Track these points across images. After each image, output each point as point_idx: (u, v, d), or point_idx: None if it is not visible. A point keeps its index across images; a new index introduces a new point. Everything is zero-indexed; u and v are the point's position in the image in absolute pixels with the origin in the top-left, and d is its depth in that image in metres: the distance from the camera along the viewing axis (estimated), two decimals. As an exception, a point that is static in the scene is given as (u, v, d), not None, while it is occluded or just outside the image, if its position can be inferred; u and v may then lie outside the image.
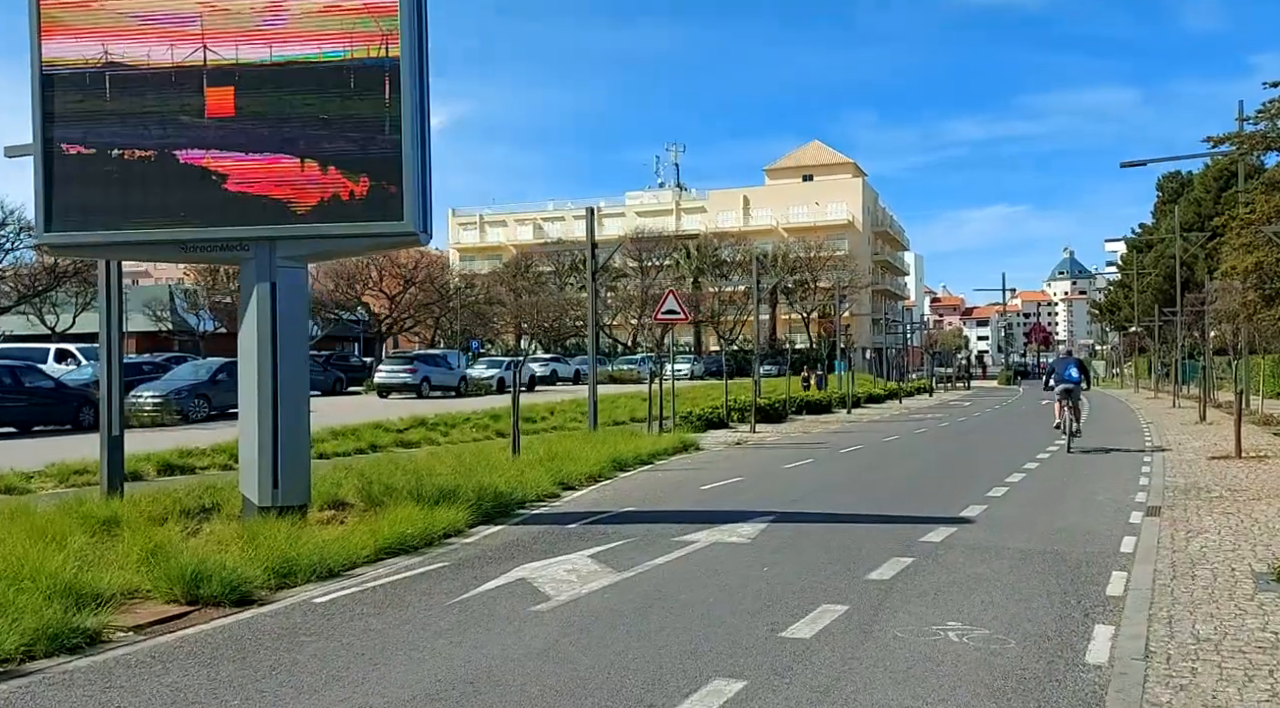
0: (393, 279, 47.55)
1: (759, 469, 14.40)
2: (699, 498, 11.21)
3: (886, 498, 11.23)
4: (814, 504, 10.71)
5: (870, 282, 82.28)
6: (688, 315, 19.40)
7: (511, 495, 10.42)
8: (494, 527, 9.13)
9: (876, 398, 40.11)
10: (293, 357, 8.86)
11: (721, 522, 9.20)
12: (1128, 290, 67.80)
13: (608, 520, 9.46)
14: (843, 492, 11.80)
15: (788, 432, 22.92)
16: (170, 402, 21.40)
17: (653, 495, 11.44)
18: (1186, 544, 8.09)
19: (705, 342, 75.71)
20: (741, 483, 12.57)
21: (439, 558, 7.66)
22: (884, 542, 8.24)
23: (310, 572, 6.72)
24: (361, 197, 8.80)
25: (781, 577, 6.93)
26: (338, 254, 9.65)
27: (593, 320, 19.18)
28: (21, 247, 36.32)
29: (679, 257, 76.29)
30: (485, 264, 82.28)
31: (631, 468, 14.32)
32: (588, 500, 11.04)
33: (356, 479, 11.74)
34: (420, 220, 8.75)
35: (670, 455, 16.41)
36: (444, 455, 14.43)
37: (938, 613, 5.92)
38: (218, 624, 5.63)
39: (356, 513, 9.42)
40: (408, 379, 31.69)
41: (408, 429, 18.85)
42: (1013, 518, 9.62)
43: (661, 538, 8.43)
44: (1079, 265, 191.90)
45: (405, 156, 8.66)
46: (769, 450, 17.86)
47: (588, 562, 7.42)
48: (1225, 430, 19.95)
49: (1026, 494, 11.43)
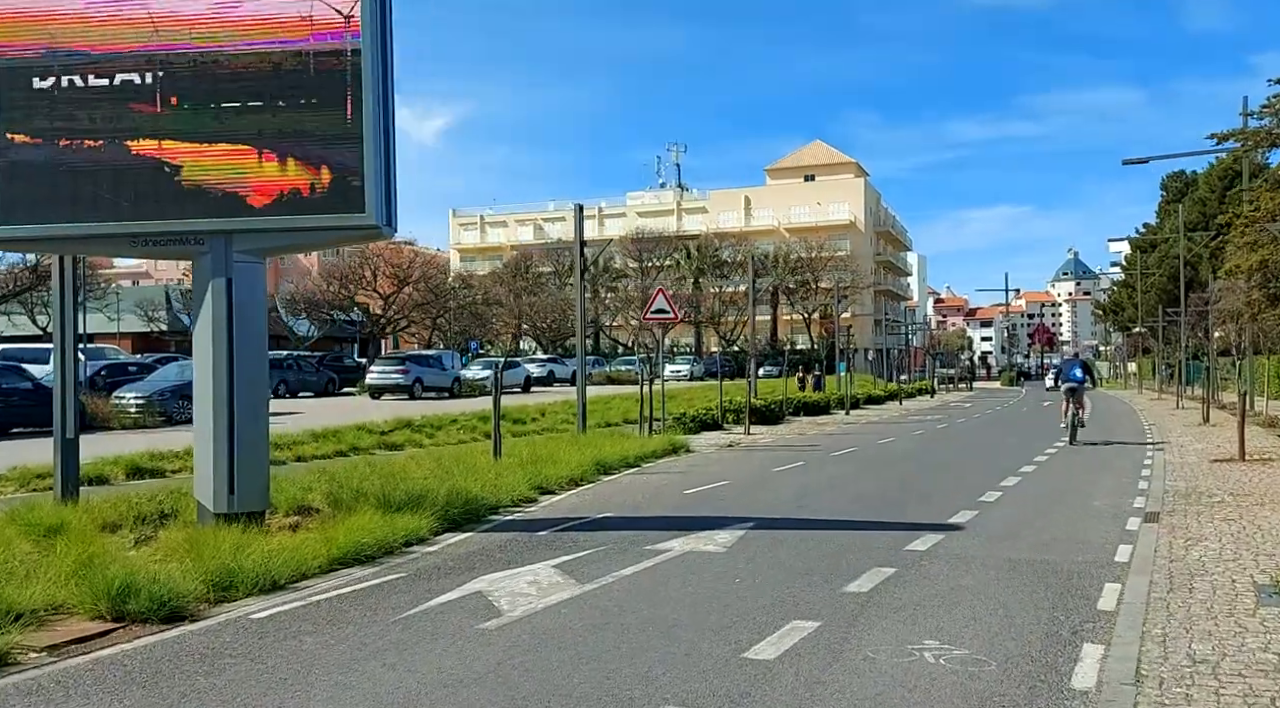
0: (387, 279, 47.13)
1: (746, 473, 14.00)
2: (680, 503, 10.81)
3: (875, 503, 10.82)
4: (798, 510, 10.31)
5: (872, 282, 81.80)
6: (677, 315, 19.03)
7: (483, 501, 10.04)
8: (461, 534, 8.75)
9: (876, 399, 39.67)
10: (250, 356, 8.49)
11: (699, 529, 8.81)
12: (1131, 291, 67.30)
13: (581, 527, 9.07)
14: (830, 497, 11.40)
15: (782, 434, 22.51)
16: (154, 403, 21.02)
17: (633, 500, 11.05)
18: (1185, 553, 7.68)
19: (706, 343, 75.31)
20: (726, 487, 12.17)
21: (396, 568, 7.28)
22: (866, 550, 7.84)
23: (253, 584, 6.34)
24: (324, 190, 8.44)
25: (753, 589, 6.54)
26: (298, 248, 9.30)
27: (580, 319, 18.79)
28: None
29: (679, 257, 75.87)
30: (486, 265, 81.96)
31: (616, 471, 13.93)
32: (565, 506, 10.65)
33: (327, 483, 11.39)
34: (383, 213, 8.37)
35: (658, 458, 16.02)
36: (424, 458, 14.05)
37: (915, 630, 5.52)
38: (140, 644, 5.25)
39: (321, 519, 9.02)
40: (400, 380, 31.30)
41: (392, 431, 18.46)
42: (1004, 525, 9.21)
43: (633, 546, 8.04)
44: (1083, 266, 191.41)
45: (367, 147, 8.29)
46: (760, 453, 17.45)
47: (551, 573, 7.03)
48: (1229, 432, 19.50)
49: (1020, 499, 11.02)
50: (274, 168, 8.43)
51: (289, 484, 11.11)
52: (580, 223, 18.39)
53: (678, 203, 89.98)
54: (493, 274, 73.66)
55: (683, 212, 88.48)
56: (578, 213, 18.46)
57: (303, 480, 11.37)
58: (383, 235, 8.62)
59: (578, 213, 18.46)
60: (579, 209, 18.50)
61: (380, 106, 8.36)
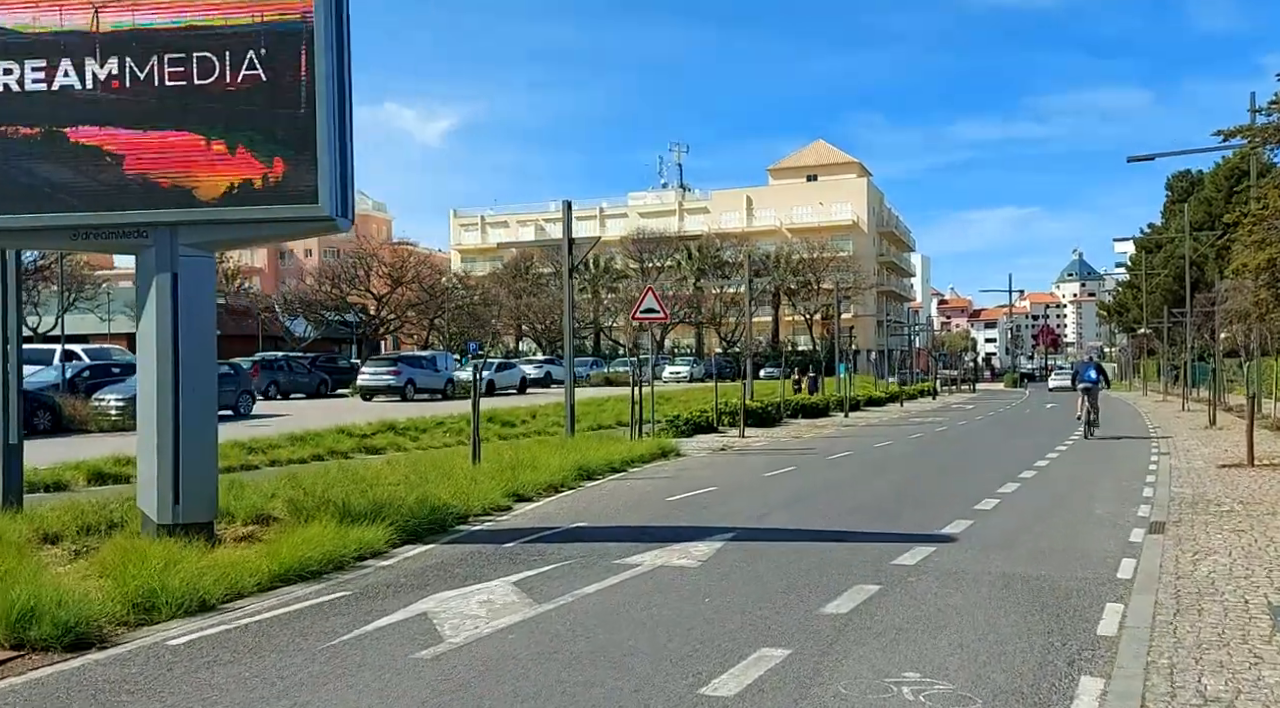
0: (381, 279, 46.57)
1: (735, 478, 13.48)
2: (660, 511, 10.30)
3: (867, 511, 10.30)
4: (784, 519, 9.79)
5: (875, 283, 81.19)
6: (667, 314, 18.51)
7: (452, 510, 9.53)
8: (422, 546, 8.24)
9: (877, 401, 39.11)
10: (197, 357, 7.99)
11: (675, 540, 8.29)
12: (1136, 291, 66.67)
13: (551, 539, 8.56)
14: (819, 504, 10.88)
15: (778, 437, 21.98)
16: (134, 405, 20.49)
17: (612, 508, 10.54)
18: (1193, 569, 7.15)
19: (708, 344, 74.78)
20: (712, 494, 11.65)
21: (343, 585, 6.77)
22: (851, 565, 7.32)
23: (179, 606, 5.84)
24: (276, 181, 7.94)
25: (724, 610, 6.02)
26: (250, 242, 8.81)
27: (568, 319, 18.30)
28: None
29: (680, 257, 75.37)
30: (487, 265, 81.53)
31: (600, 476, 13.42)
32: (538, 514, 10.14)
33: (293, 490, 10.91)
34: (337, 204, 7.87)
35: (646, 462, 15.51)
36: (402, 463, 13.54)
37: (895, 660, 5.00)
38: (32, 677, 4.75)
39: (278, 530, 8.53)
40: (391, 382, 30.82)
41: (374, 434, 17.97)
42: (1000, 536, 8.68)
43: (602, 560, 7.52)
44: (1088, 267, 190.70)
45: (320, 134, 7.79)
46: (753, 457, 16.93)
47: (508, 591, 6.52)
48: (1236, 436, 18.92)
49: (1019, 507, 10.49)
50: (223, 156, 7.93)
51: (253, 491, 10.65)
52: (569, 221, 17.90)
53: (679, 203, 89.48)
54: (492, 275, 73.25)
55: (685, 212, 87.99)
56: (565, 210, 17.97)
57: (268, 487, 10.90)
58: (338, 228, 8.12)
59: (565, 210, 17.97)
60: (567, 206, 18.00)
61: (335, 93, 7.87)
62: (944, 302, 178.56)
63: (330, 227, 8.12)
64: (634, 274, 71.99)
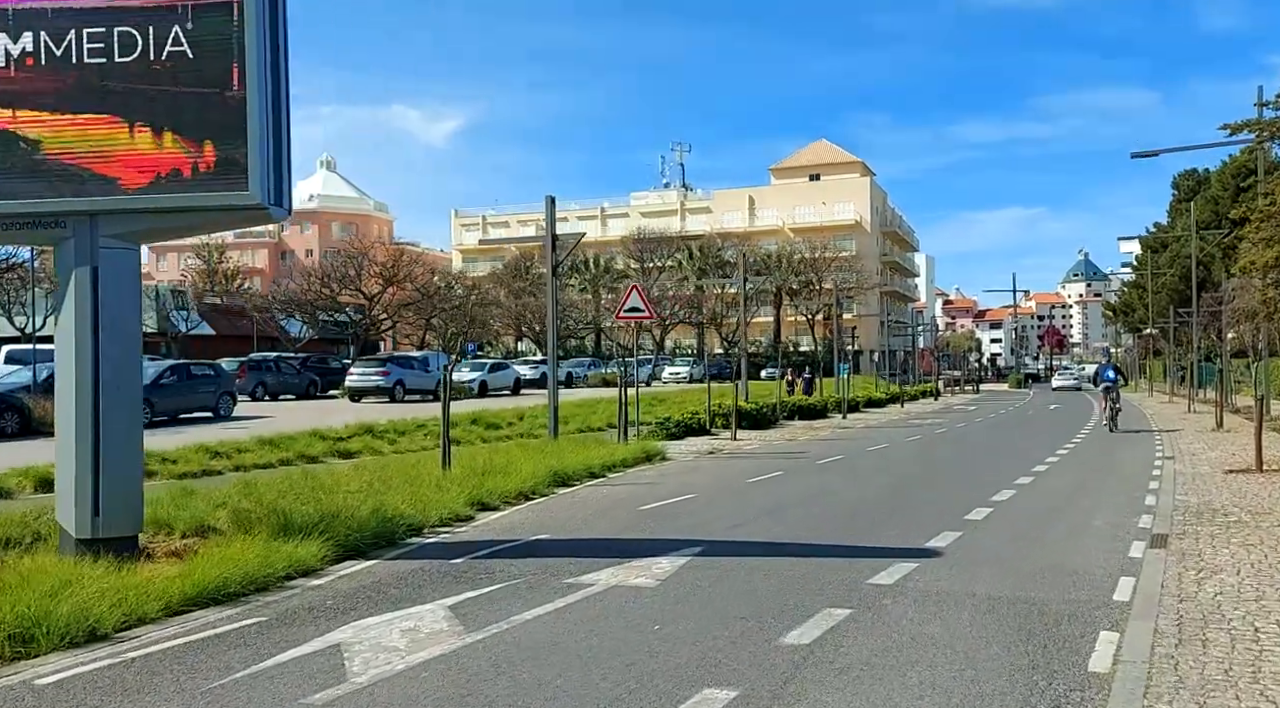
0: (373, 278, 45.96)
1: (717, 484, 12.86)
2: (631, 521, 9.68)
3: (848, 521, 9.67)
4: (759, 530, 9.16)
5: (878, 283, 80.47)
6: (652, 314, 17.92)
7: (404, 521, 8.93)
8: (363, 562, 7.63)
9: (877, 402, 38.45)
10: (120, 358, 7.40)
11: (638, 555, 7.68)
12: (1142, 291, 65.84)
13: (505, 553, 7.96)
14: (800, 513, 10.25)
15: (771, 439, 21.36)
16: (108, 407, 19.95)
17: (579, 518, 9.92)
18: (1197, 590, 6.51)
19: (710, 344, 74.14)
20: (689, 502, 11.03)
21: (261, 609, 6.17)
22: (823, 585, 6.70)
23: (62, 636, 5.24)
24: (208, 169, 7.36)
25: (673, 640, 5.41)
26: (179, 232, 8.20)
27: (551, 317, 17.68)
28: None
29: (681, 257, 74.73)
30: (488, 266, 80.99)
31: (576, 482, 12.82)
32: (500, 525, 9.53)
33: (245, 499, 10.34)
34: (269, 191, 7.29)
35: (629, 467, 14.90)
36: (369, 468, 12.97)
37: (854, 703, 4.38)
38: None
39: (216, 544, 7.93)
40: (380, 383, 30.23)
41: (350, 437, 17.38)
42: (988, 550, 8.05)
43: (554, 579, 6.91)
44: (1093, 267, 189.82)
45: (251, 116, 7.21)
46: (741, 461, 16.31)
47: (440, 618, 5.91)
48: (1244, 439, 18.26)
49: (1012, 517, 9.85)
50: (148, 142, 7.36)
51: (202, 500, 10.09)
52: (551, 216, 17.29)
53: (681, 203, 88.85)
54: (492, 275, 72.68)
55: (686, 212, 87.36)
56: (549, 206, 17.35)
57: (220, 495, 10.33)
58: (271, 217, 7.53)
59: (549, 206, 17.35)
60: (550, 201, 17.39)
61: (267, 71, 7.28)
62: (949, 302, 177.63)
63: (263, 216, 7.53)
64: (635, 274, 71.35)
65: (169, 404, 21.88)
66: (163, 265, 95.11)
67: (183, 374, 22.93)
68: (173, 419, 22.14)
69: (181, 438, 16.44)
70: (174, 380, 22.45)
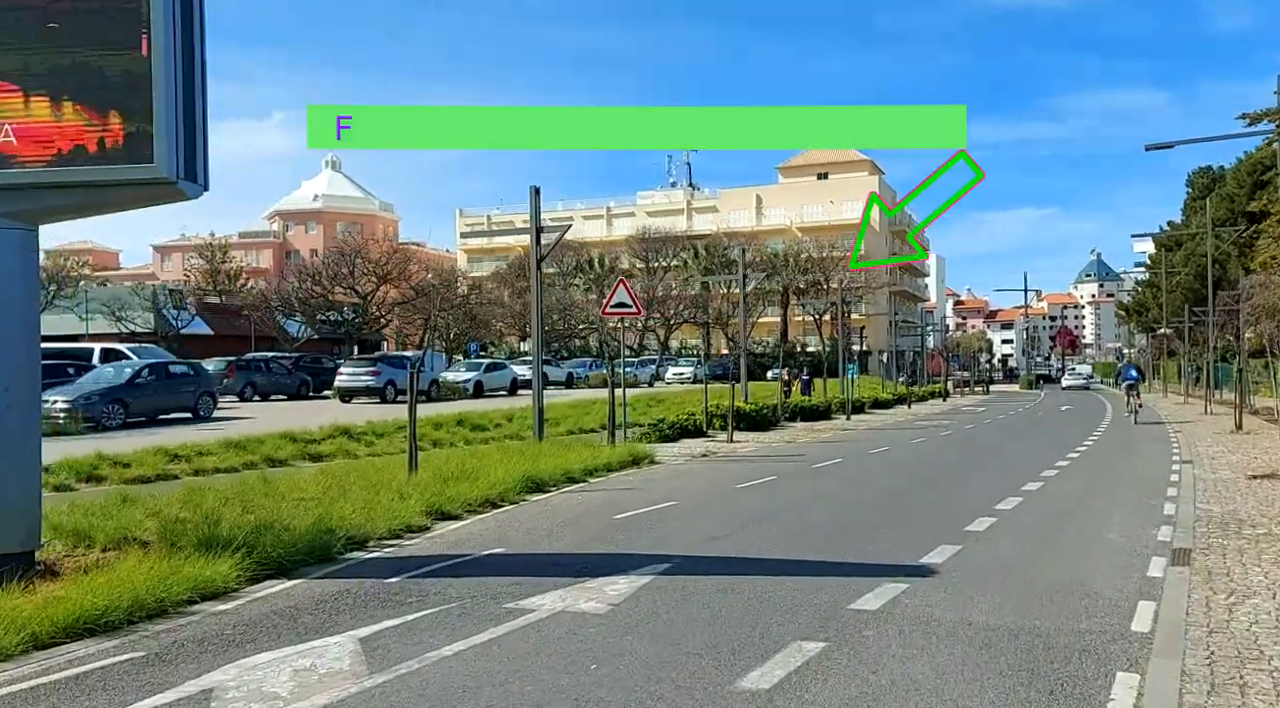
0: (366, 276, 45.12)
1: (703, 490, 12.01)
2: (599, 532, 8.84)
3: (838, 533, 8.81)
4: (738, 543, 8.31)
5: (887, 282, 79.36)
6: (640, 309, 17.11)
7: (345, 533, 8.12)
8: (286, 582, 6.82)
9: (883, 403, 37.54)
10: (11, 353, 6.61)
11: (595, 573, 6.85)
12: (1156, 290, 64.63)
13: (448, 570, 7.14)
14: (786, 523, 9.39)
15: (769, 441, 20.49)
16: (78, 407, 19.25)
17: (544, 528, 9.09)
18: (1228, 618, 5.65)
19: (716, 344, 73.24)
20: (667, 510, 10.19)
21: (141, 643, 5.36)
22: (798, 610, 5.85)
23: (-114, 675, 4.44)
24: (116, 144, 6.57)
25: (610, 684, 4.58)
26: (81, 211, 7.36)
27: (536, 312, 16.85)
28: None
29: (687, 257, 73.81)
30: (492, 265, 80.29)
31: (552, 488, 12.00)
32: (455, 538, 8.71)
33: (186, 507, 9.58)
34: (176, 164, 6.48)
35: (614, 471, 14.09)
36: (333, 473, 12.19)
37: (814, 774, 3.54)
38: None
39: (123, 561, 7.15)
40: (370, 383, 29.43)
41: (324, 440, 16.59)
42: (990, 568, 7.19)
43: (493, 603, 6.09)
44: (1106, 267, 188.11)
45: (157, 82, 6.42)
46: (734, 464, 15.45)
47: (345, 652, 5.09)
48: (1266, 442, 17.33)
49: (1018, 528, 8.98)
50: (45, 112, 6.57)
51: (140, 508, 9.34)
52: (536, 207, 16.47)
53: (688, 202, 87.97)
54: (495, 275, 71.97)
55: (693, 211, 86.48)
56: (533, 197, 16.53)
57: (157, 503, 9.57)
58: (182, 194, 6.72)
59: (533, 197, 16.53)
60: (534, 192, 16.55)
61: (177, 33, 6.49)
62: (960, 303, 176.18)
63: (173, 192, 6.72)
64: (640, 274, 70.51)
65: (145, 405, 21.15)
66: (167, 265, 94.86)
67: (160, 374, 22.18)
68: (151, 420, 21.41)
69: (148, 440, 15.70)
70: (151, 380, 21.71)
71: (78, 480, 12.25)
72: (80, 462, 12.75)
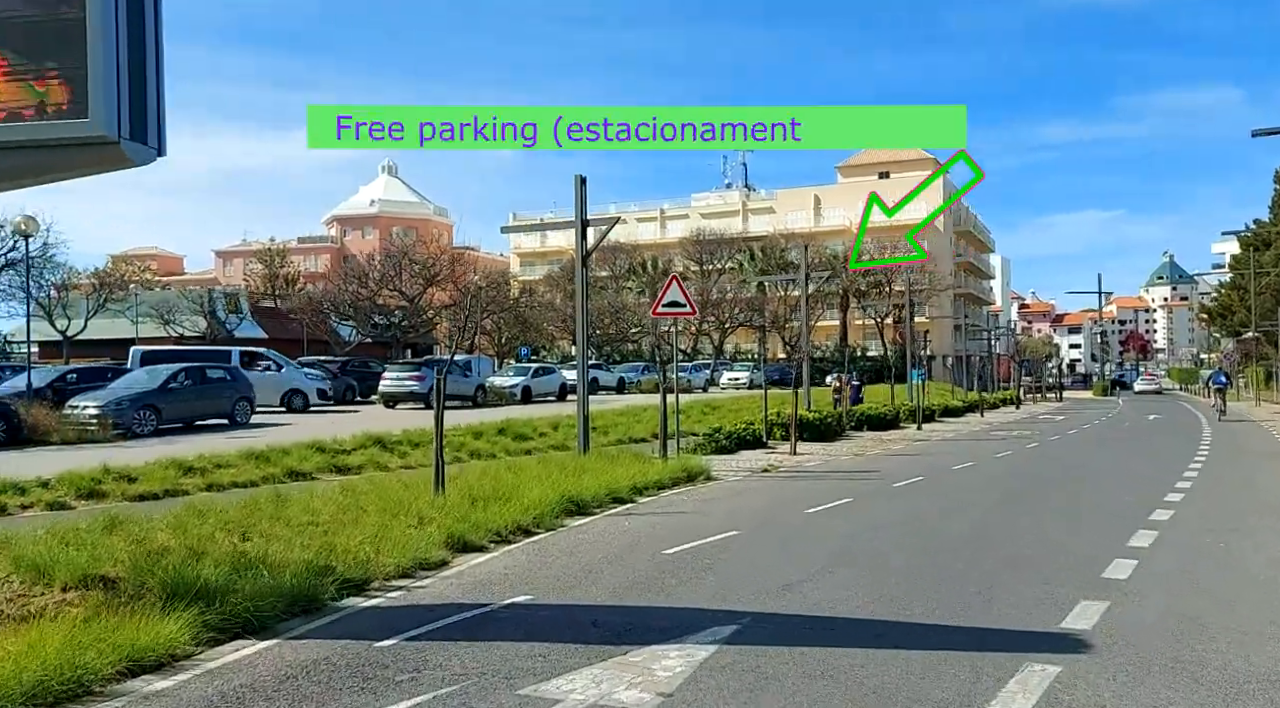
0: (412, 278, 44.12)
1: (767, 516, 10.41)
2: (646, 575, 7.32)
3: (942, 580, 7.16)
4: (820, 593, 6.71)
5: (952, 284, 76.57)
6: (694, 309, 15.54)
7: (338, 572, 6.74)
8: (253, 645, 5.43)
9: (953, 411, 35.42)
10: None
11: (640, 640, 5.34)
12: (1243, 293, 61.03)
13: (459, 629, 5.69)
14: (874, 564, 7.76)
15: (836, 453, 18.79)
16: (108, 413, 18.34)
17: (580, 567, 7.60)
18: None
19: (772, 348, 71.29)
20: (728, 542, 8.63)
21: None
22: None
23: None
24: (54, 99, 5.28)
25: None
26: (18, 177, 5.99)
27: (580, 313, 15.41)
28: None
29: (743, 259, 72.03)
30: (544, 269, 79.41)
31: (595, 510, 10.54)
32: (474, 578, 7.26)
33: (173, 534, 8.34)
34: (120, 121, 5.14)
35: (665, 488, 12.59)
36: (354, 490, 10.88)
37: None
38: None
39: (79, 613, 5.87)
40: (415, 388, 28.34)
41: (355, 450, 15.35)
42: (1157, 636, 5.49)
43: (504, 687, 4.61)
44: (1179, 270, 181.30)
45: (93, 31, 5.10)
46: (799, 482, 13.82)
47: (289, 769, 3.64)
48: None
49: (1168, 577, 7.22)
50: (-31, 61, 5.29)
51: (121, 535, 8.11)
52: (582, 197, 15.02)
53: (743, 203, 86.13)
54: (547, 278, 71.01)
55: (748, 212, 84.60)
56: (578, 185, 15.08)
57: (142, 529, 8.34)
58: (126, 158, 5.37)
59: (578, 185, 15.08)
60: (579, 181, 15.10)
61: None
62: (1025, 306, 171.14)
63: (117, 153, 5.36)
64: (694, 276, 68.90)
65: (179, 410, 20.23)
66: (229, 270, 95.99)
67: (196, 378, 21.23)
68: (187, 427, 20.50)
69: (169, 449, 14.64)
70: (186, 384, 20.77)
71: (77, 497, 11.13)
72: (83, 476, 11.64)
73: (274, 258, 75.25)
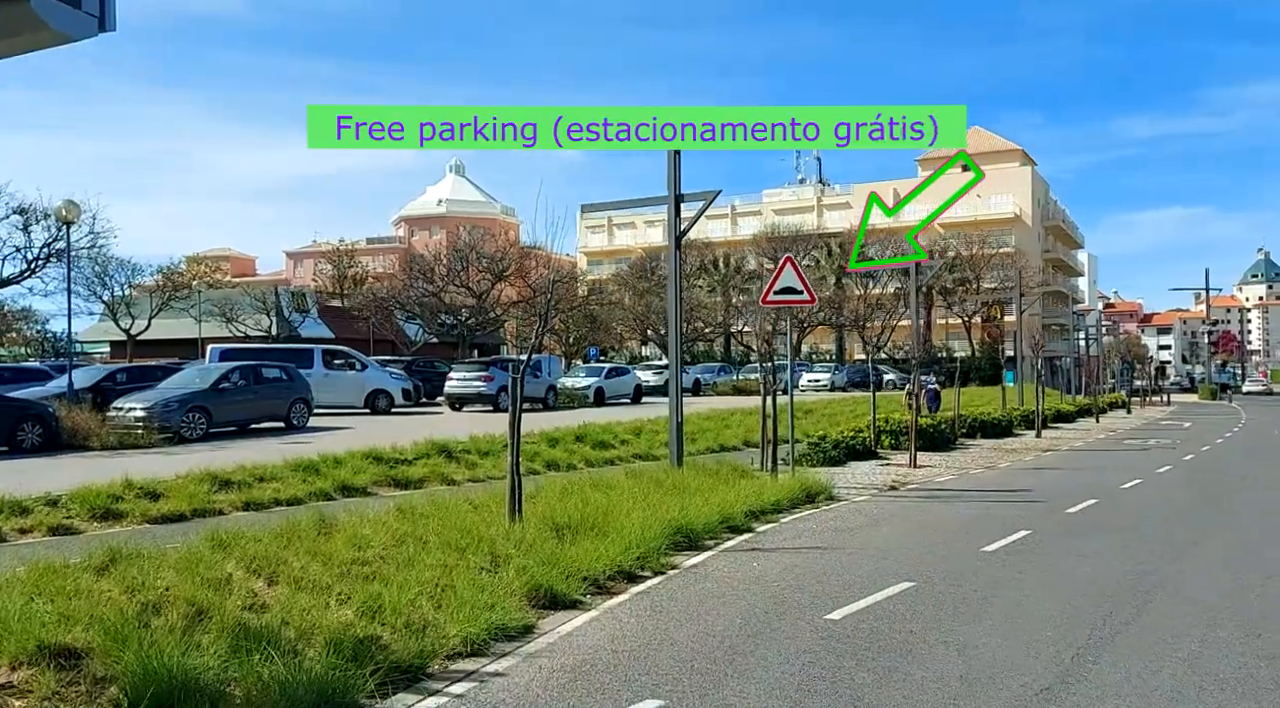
0: (480, 273, 42.38)
1: (934, 555, 8.12)
2: (814, 662, 5.13)
3: (1239, 670, 4.82)
4: (1087, 702, 4.43)
5: (1041, 282, 72.55)
6: (813, 296, 13.31)
7: (378, 655, 4.71)
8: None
9: (1065, 416, 32.40)
10: None
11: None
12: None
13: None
14: (1142, 644, 5.44)
15: (961, 464, 16.34)
16: (155, 415, 16.81)
17: (716, 643, 5.45)
18: None
19: (850, 349, 68.31)
20: (908, 600, 6.38)
21: None
22: None
23: None
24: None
25: None
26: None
27: (673, 307, 13.26)
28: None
29: (819, 255, 69.13)
30: (612, 268, 77.65)
31: (709, 542, 8.44)
32: (571, 659, 5.17)
33: (184, 577, 6.51)
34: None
35: (785, 511, 10.44)
36: (413, 513, 8.86)
37: None
38: None
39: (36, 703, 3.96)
40: (482, 389, 26.56)
41: (416, 460, 13.45)
42: None
43: None
44: (1275, 267, 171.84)
45: None
46: (939, 504, 11.47)
47: None
48: None
49: None
50: None
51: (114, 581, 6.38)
52: (676, 169, 12.88)
53: (818, 198, 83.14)
54: (615, 276, 69.14)
55: (823, 208, 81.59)
56: (671, 160, 12.92)
57: (143, 571, 6.53)
58: (41, 22, 3.42)
59: (671, 160, 12.92)
60: (673, 156, 12.94)
61: None
62: (1110, 305, 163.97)
63: (26, 15, 3.42)
64: (768, 274, 66.32)
65: (231, 413, 18.67)
66: (299, 271, 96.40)
67: (250, 378, 19.66)
68: (241, 430, 18.96)
69: (214, 457, 12.98)
70: (240, 384, 19.21)
71: (89, 518, 9.38)
72: (101, 491, 9.87)
73: (342, 258, 74.83)
